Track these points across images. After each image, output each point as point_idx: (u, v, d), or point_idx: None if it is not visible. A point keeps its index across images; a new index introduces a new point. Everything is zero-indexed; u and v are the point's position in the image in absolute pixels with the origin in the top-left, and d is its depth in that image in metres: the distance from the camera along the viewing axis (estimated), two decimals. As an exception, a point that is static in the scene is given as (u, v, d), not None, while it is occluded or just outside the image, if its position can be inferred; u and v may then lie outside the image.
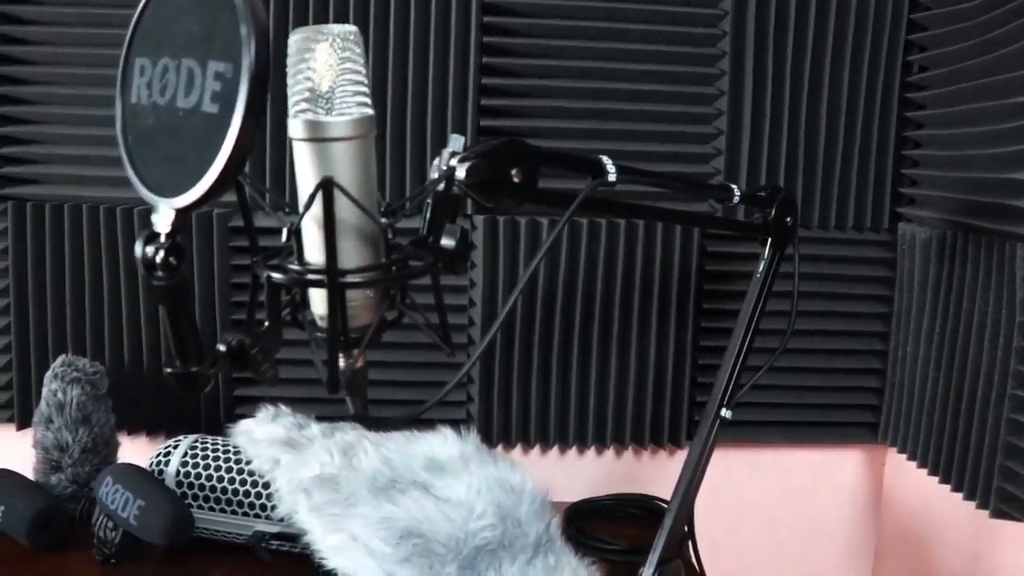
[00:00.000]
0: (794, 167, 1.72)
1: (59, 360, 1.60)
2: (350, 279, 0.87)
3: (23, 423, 1.75)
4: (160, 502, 1.38)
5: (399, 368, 1.75)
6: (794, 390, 1.80)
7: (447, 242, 0.90)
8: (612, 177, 1.10)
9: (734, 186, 1.32)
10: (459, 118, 1.67)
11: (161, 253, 0.72)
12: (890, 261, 1.77)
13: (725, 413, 1.38)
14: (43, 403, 1.59)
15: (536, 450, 1.82)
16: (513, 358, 1.72)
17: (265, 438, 1.43)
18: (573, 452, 1.83)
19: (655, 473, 1.85)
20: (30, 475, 1.61)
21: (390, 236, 0.87)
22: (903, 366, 1.73)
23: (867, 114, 1.72)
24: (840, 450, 1.89)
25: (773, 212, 1.40)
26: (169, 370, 0.79)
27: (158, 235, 0.74)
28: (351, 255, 0.86)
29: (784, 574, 1.92)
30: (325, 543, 1.26)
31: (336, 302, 0.79)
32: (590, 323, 1.74)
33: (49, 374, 1.59)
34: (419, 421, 1.51)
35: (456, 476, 1.34)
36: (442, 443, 1.42)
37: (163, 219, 0.73)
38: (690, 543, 1.44)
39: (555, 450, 1.83)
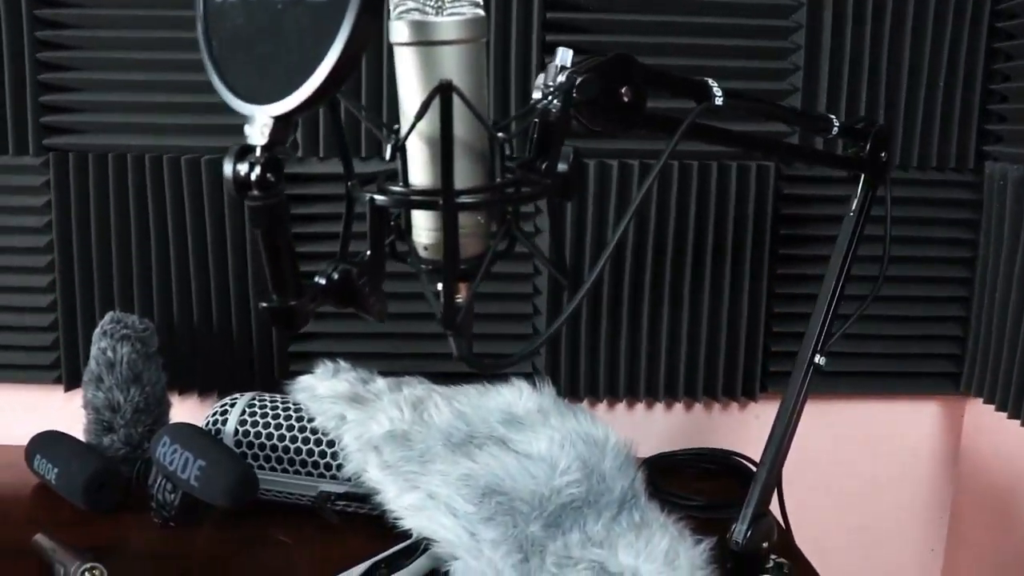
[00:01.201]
0: (875, 104, 1.62)
1: (107, 317, 1.53)
2: (464, 200, 0.78)
3: (71, 384, 1.68)
4: (223, 461, 1.30)
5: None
6: (870, 339, 1.71)
7: (560, 166, 0.81)
8: (719, 101, 1.01)
9: (833, 116, 1.23)
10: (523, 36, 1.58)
11: (257, 169, 0.64)
12: (975, 203, 1.68)
13: (819, 360, 1.29)
14: (92, 362, 1.52)
15: (604, 404, 1.72)
16: (581, 310, 1.63)
17: (328, 394, 1.36)
18: (642, 407, 1.75)
19: (727, 427, 1.77)
20: (81, 437, 1.56)
21: (507, 152, 0.78)
22: (990, 312, 1.64)
23: (953, 45, 1.62)
24: (917, 402, 1.81)
25: (868, 146, 1.31)
26: (264, 304, 0.70)
27: (252, 149, 0.65)
28: (462, 175, 0.77)
29: (857, 529, 1.84)
30: (400, 502, 1.19)
31: (453, 225, 0.70)
32: (661, 272, 1.66)
33: (98, 332, 1.52)
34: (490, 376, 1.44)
35: (535, 430, 1.26)
36: (518, 396, 1.35)
37: (259, 130, 0.64)
38: (776, 497, 1.35)
39: (623, 404, 1.73)
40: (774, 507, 1.33)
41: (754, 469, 1.50)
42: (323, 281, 0.74)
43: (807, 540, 1.41)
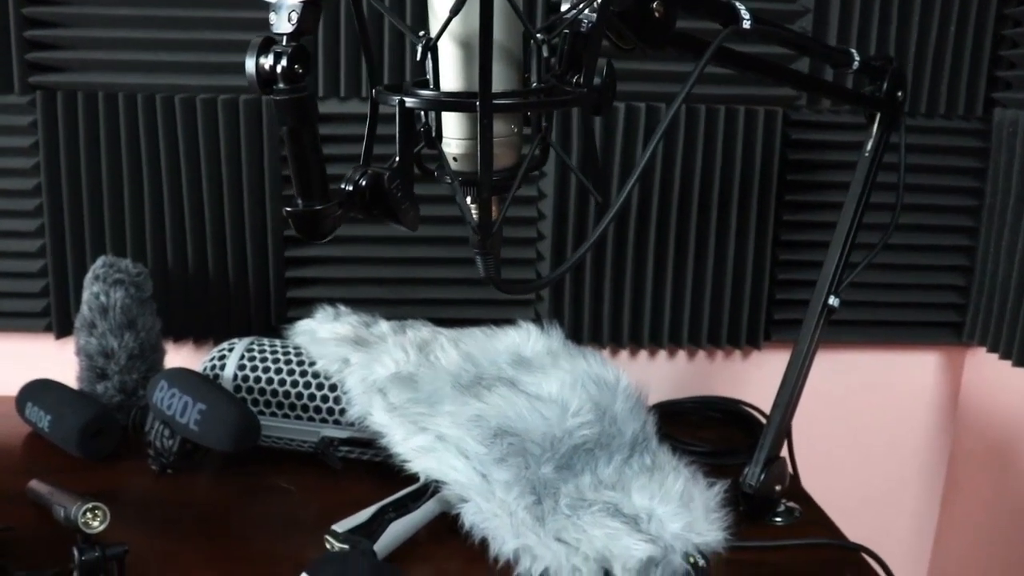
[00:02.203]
0: (884, 48, 1.58)
1: (99, 261, 1.49)
2: (500, 102, 0.74)
3: (62, 331, 1.63)
4: (224, 405, 1.27)
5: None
6: (873, 288, 1.69)
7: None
8: (747, 24, 0.97)
9: (853, 50, 1.20)
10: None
11: (284, 60, 0.60)
12: (982, 151, 1.65)
13: (832, 301, 1.27)
14: (84, 308, 1.48)
15: (607, 352, 1.70)
16: (585, 257, 1.60)
17: (330, 337, 1.32)
18: (645, 354, 1.73)
19: (729, 376, 1.75)
20: (73, 386, 1.52)
21: (545, 54, 0.74)
22: (995, 260, 1.62)
23: (963, -13, 1.58)
24: (919, 351, 1.80)
25: (885, 85, 1.28)
26: (288, 209, 0.67)
27: (277, 40, 0.61)
28: (496, 78, 0.73)
29: (856, 478, 1.82)
30: (408, 445, 1.16)
31: (488, 128, 0.66)
32: (666, 218, 1.63)
33: (89, 276, 1.48)
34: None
35: (545, 372, 1.23)
36: (526, 339, 1.32)
37: (286, 16, 0.60)
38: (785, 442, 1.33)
39: (626, 352, 1.71)
40: (783, 453, 1.31)
41: (759, 417, 1.49)
42: (350, 187, 0.70)
43: (807, 486, 1.39)
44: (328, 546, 1.11)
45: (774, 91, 1.59)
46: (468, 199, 0.76)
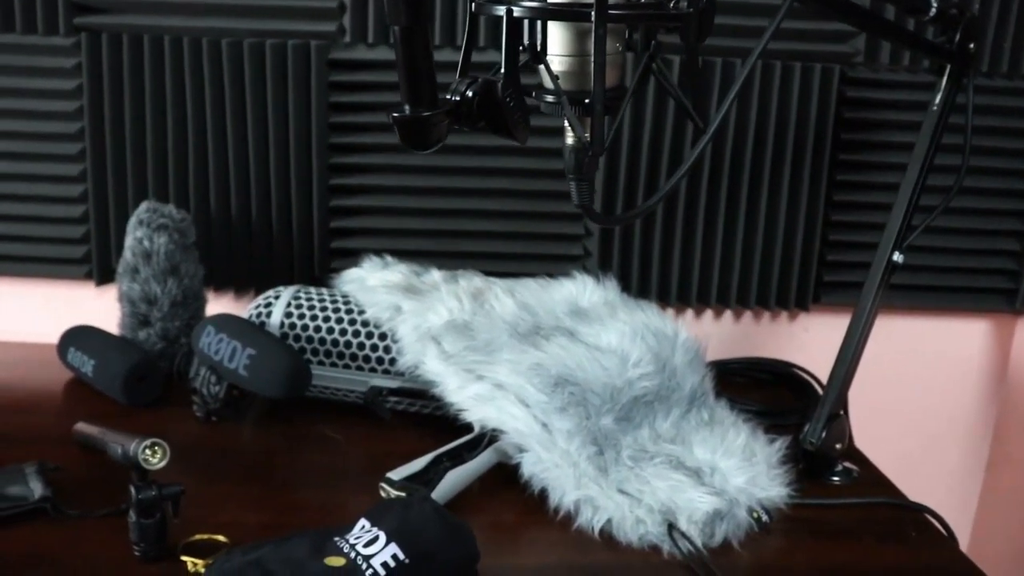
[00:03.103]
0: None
1: (143, 206, 1.46)
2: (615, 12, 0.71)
3: (103, 278, 1.61)
4: (274, 350, 1.24)
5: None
6: (925, 252, 1.66)
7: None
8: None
9: (931, -2, 1.16)
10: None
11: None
12: (1041, 111, 1.60)
13: (897, 258, 1.23)
14: (127, 253, 1.45)
15: (654, 310, 1.66)
16: (637, 195, 1.57)
17: (380, 284, 1.30)
18: (691, 313, 1.69)
19: (774, 338, 1.73)
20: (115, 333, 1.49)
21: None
22: (1054, 226, 1.58)
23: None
24: (969, 318, 1.76)
25: (957, 36, 1.24)
26: (396, 115, 0.63)
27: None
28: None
29: (901, 444, 1.79)
30: (463, 394, 1.13)
31: (602, 41, 0.63)
32: (718, 174, 1.61)
33: (133, 221, 1.45)
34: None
35: (603, 323, 1.21)
36: (582, 290, 1.29)
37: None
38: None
39: (672, 311, 1.68)
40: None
41: (811, 380, 1.46)
42: (458, 97, 0.67)
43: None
44: (383, 494, 1.09)
45: (832, 47, 1.56)
46: (568, 117, 0.72)
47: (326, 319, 1.33)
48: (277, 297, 1.37)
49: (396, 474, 1.09)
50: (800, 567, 1.03)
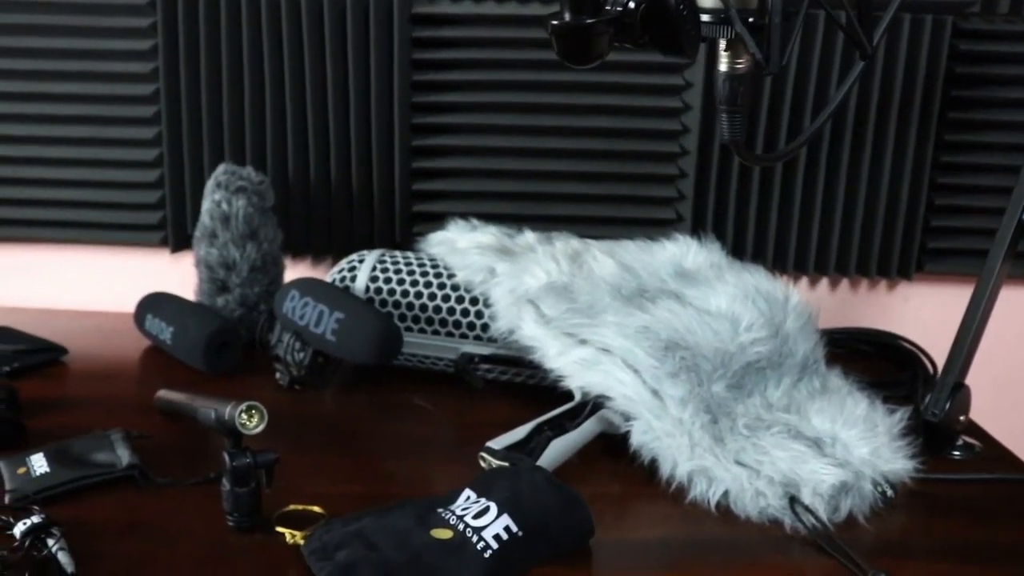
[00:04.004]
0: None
1: (220, 168, 1.41)
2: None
3: (178, 245, 1.56)
4: (364, 314, 1.19)
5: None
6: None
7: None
8: None
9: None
10: None
11: None
12: None
13: (1033, 217, 1.14)
14: (205, 216, 1.40)
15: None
16: (732, 167, 1.49)
17: (472, 246, 1.23)
18: (784, 281, 1.60)
19: (871, 308, 1.65)
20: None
21: None
22: None
23: None
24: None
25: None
26: (555, 23, 0.56)
27: None
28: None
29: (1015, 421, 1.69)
30: (565, 359, 1.06)
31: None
32: (818, 135, 1.51)
33: (211, 184, 1.40)
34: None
35: (711, 286, 1.13)
36: (686, 251, 1.22)
37: None
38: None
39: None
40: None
41: (918, 352, 1.38)
42: (620, 8, 0.60)
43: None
44: (483, 464, 1.03)
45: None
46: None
47: (414, 283, 1.27)
48: (361, 261, 1.31)
49: (497, 443, 1.03)
50: (928, 545, 0.96)
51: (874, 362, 1.48)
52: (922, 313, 1.62)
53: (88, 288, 1.64)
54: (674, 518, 1.00)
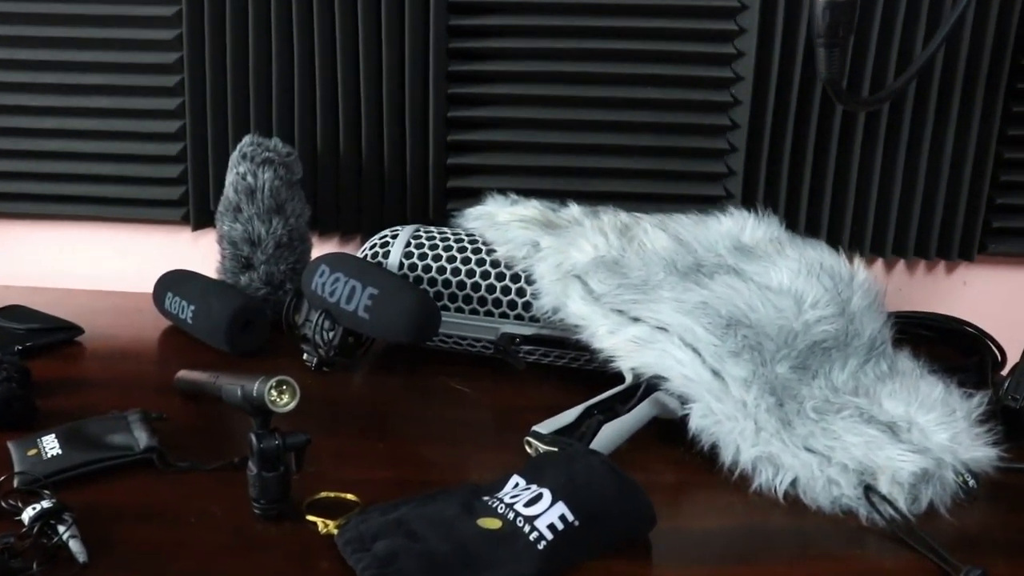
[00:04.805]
0: None
1: (246, 140, 1.34)
2: None
3: (200, 222, 1.49)
4: (400, 289, 1.11)
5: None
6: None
7: None
8: None
9: None
10: None
11: None
12: None
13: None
14: (229, 189, 1.33)
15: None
16: (784, 141, 1.40)
17: (514, 219, 1.14)
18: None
19: (927, 291, 1.57)
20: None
21: None
22: None
23: None
24: None
25: None
26: None
27: None
28: None
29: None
30: (617, 338, 0.99)
31: None
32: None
33: (235, 155, 1.33)
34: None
35: (772, 261, 1.05)
36: (742, 225, 1.13)
37: None
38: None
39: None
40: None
41: (983, 338, 1.29)
42: None
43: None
44: (529, 449, 0.95)
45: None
46: None
47: (451, 259, 1.19)
48: (395, 235, 1.23)
49: (544, 427, 0.95)
50: (1020, 540, 0.88)
51: (935, 348, 1.39)
52: (981, 297, 1.53)
53: (105, 267, 1.58)
54: (737, 508, 0.91)
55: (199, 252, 1.49)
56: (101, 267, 1.58)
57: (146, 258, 1.55)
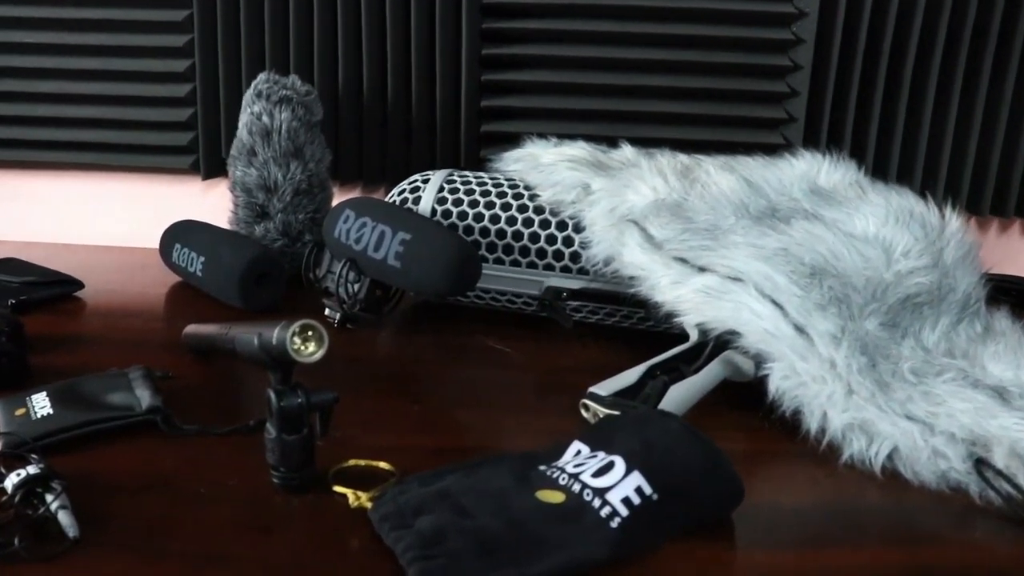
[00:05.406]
0: None
1: (261, 77, 1.24)
2: None
3: (211, 171, 1.37)
4: (436, 233, 0.99)
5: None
6: None
7: None
8: None
9: None
10: None
11: None
12: None
13: None
14: (243, 131, 1.22)
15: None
16: (851, 85, 1.28)
17: (561, 160, 1.02)
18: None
19: (994, 253, 1.43)
20: (226, 229, 1.26)
21: None
22: None
23: None
24: None
25: None
26: None
27: None
28: None
29: None
30: (682, 289, 0.87)
31: None
32: (956, 42, 1.30)
33: (250, 94, 1.22)
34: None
35: (853, 206, 0.93)
36: (816, 168, 1.00)
37: None
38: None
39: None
40: None
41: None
42: None
43: None
44: (585, 413, 0.84)
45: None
46: None
47: (489, 205, 1.07)
48: (426, 181, 1.11)
49: (602, 388, 0.83)
50: None
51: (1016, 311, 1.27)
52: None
53: (109, 220, 1.48)
54: (824, 483, 0.79)
55: (210, 204, 1.39)
56: (103, 220, 1.48)
57: (152, 210, 1.45)
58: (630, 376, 0.87)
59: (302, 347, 0.67)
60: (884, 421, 0.80)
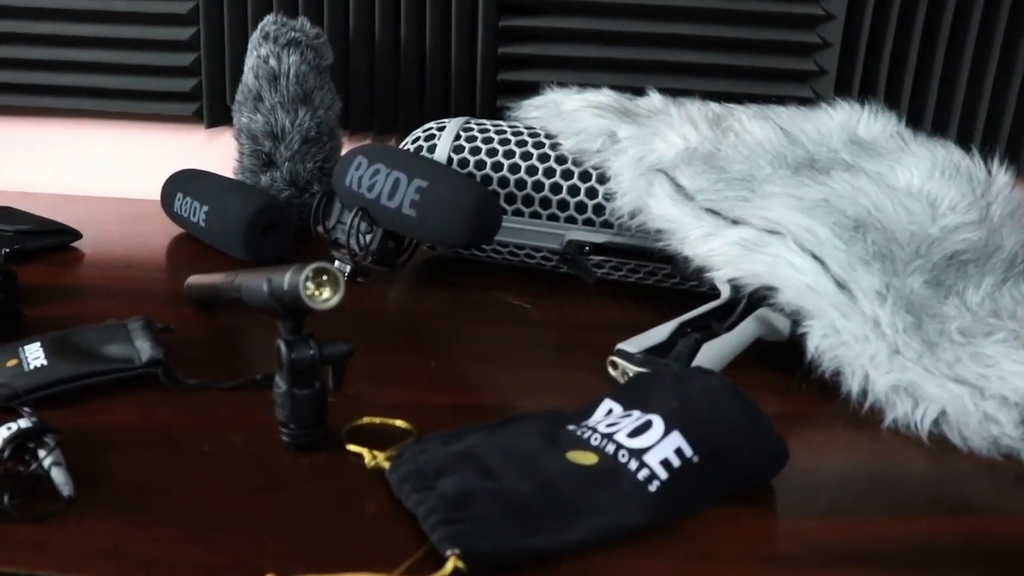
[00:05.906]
0: None
1: (268, 18, 1.19)
2: None
3: (214, 119, 1.31)
4: (454, 180, 0.94)
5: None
6: None
7: None
8: None
9: None
10: None
11: None
12: None
13: None
14: (249, 75, 1.17)
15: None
16: (885, 37, 1.22)
17: (585, 106, 0.96)
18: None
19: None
20: (231, 178, 1.21)
21: None
22: None
23: None
24: None
25: None
26: None
27: None
28: None
29: None
30: (714, 242, 0.82)
31: None
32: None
33: (256, 36, 1.17)
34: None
35: (895, 157, 0.88)
36: (855, 118, 0.95)
37: None
38: None
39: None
40: None
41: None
42: None
43: None
44: (612, 371, 0.79)
45: None
46: None
47: (508, 154, 1.02)
48: (441, 128, 1.06)
49: (631, 345, 0.78)
50: None
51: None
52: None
53: (107, 170, 1.44)
54: (866, 448, 0.75)
55: (214, 153, 1.35)
56: (102, 170, 1.44)
57: (153, 160, 1.40)
58: (660, 333, 0.82)
59: (316, 292, 0.62)
60: (931, 383, 0.75)
